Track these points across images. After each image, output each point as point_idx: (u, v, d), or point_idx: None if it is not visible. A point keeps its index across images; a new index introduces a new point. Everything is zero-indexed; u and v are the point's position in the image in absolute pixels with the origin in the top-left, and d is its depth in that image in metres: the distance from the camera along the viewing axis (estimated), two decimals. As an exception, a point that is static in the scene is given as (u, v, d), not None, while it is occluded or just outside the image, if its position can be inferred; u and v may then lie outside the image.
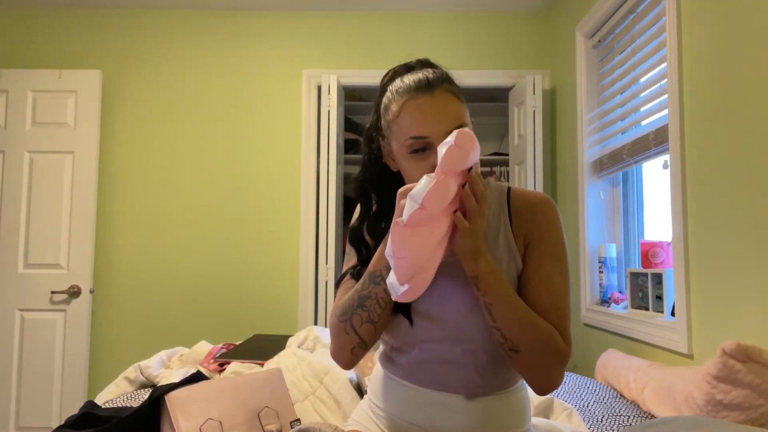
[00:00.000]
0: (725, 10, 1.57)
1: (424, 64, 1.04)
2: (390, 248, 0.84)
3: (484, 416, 1.00)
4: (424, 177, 0.84)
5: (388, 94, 1.01)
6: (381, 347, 1.13)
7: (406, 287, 0.84)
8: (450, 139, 0.84)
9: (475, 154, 0.88)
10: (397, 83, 1.00)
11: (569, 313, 1.01)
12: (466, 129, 0.87)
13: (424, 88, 0.96)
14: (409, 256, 0.83)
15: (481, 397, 1.01)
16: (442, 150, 0.84)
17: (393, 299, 0.88)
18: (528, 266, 1.02)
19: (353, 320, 0.99)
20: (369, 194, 1.08)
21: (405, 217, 0.82)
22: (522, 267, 1.03)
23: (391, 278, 0.86)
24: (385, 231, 1.01)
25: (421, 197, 0.81)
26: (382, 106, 1.02)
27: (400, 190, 0.91)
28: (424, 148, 0.94)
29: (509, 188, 1.09)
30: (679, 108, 1.77)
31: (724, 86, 1.57)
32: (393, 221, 0.83)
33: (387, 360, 1.10)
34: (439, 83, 0.97)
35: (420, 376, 1.03)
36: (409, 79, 0.98)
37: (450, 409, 1.01)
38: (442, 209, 0.85)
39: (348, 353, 1.02)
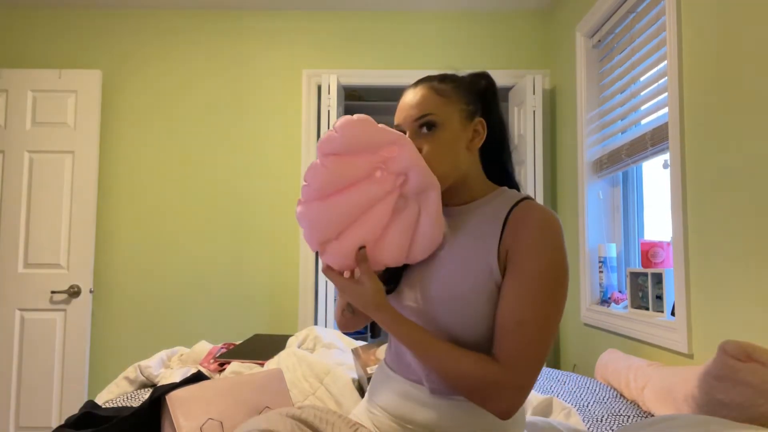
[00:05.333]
0: (725, 9, 1.57)
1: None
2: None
3: (453, 418, 0.98)
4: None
5: None
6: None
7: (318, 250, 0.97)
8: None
9: (354, 138, 0.90)
10: None
11: (539, 345, 0.90)
12: (351, 116, 0.90)
13: (412, 85, 1.04)
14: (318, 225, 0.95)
15: (446, 398, 0.99)
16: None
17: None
18: (503, 282, 0.94)
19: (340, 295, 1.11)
20: None
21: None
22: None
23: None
24: None
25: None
26: None
27: None
28: None
29: (522, 199, 1.02)
30: (679, 107, 1.77)
31: (724, 85, 1.57)
32: None
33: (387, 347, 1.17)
34: (426, 80, 1.04)
35: (397, 360, 1.08)
36: None
37: (417, 402, 1.01)
38: (346, 184, 0.92)
39: (339, 314, 1.16)
